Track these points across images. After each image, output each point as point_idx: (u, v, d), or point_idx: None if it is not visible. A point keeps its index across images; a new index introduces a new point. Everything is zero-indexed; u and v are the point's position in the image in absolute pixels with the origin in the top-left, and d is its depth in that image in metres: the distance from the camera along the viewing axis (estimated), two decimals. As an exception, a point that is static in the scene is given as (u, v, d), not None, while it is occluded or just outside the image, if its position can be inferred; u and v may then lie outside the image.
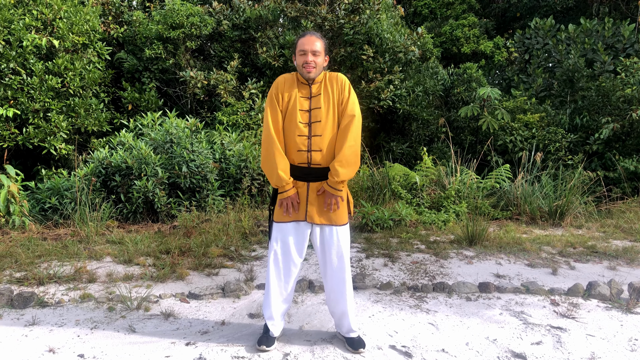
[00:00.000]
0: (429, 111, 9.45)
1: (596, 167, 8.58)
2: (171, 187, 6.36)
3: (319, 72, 3.02)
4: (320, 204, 3.00)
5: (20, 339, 3.16)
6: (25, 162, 7.81)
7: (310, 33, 2.99)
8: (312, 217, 3.01)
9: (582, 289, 4.10)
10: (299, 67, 3.01)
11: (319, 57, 2.97)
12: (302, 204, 3.01)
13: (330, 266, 3.07)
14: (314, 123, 2.96)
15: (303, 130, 2.96)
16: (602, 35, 10.62)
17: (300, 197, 3.01)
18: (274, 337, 3.12)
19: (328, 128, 2.96)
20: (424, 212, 6.58)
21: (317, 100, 2.99)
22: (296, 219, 3.02)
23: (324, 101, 2.99)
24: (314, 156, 2.95)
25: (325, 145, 2.95)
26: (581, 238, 5.88)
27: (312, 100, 3.00)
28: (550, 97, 10.33)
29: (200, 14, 8.92)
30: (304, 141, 2.96)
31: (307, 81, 3.02)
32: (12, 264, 4.48)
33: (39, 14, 7.36)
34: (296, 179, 3.01)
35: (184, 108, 9.23)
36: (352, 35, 8.80)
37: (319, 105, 2.98)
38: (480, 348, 3.17)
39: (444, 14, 13.97)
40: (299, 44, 2.99)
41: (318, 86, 3.03)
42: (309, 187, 3.00)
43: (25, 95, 7.05)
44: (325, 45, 3.03)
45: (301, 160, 2.97)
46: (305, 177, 3.00)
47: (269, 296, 3.10)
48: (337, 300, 3.11)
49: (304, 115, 2.98)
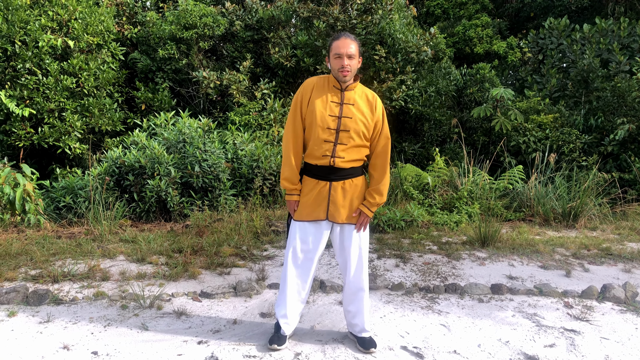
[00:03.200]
0: (442, 111, 9.41)
1: (611, 168, 8.48)
2: (184, 187, 6.40)
3: (354, 75, 2.98)
4: (342, 204, 2.99)
5: (35, 335, 3.20)
6: (41, 161, 7.90)
7: (345, 35, 2.91)
8: (334, 216, 3.00)
9: (596, 291, 4.05)
10: (334, 71, 2.94)
11: (353, 59, 2.91)
12: (323, 203, 2.99)
13: (350, 265, 3.07)
14: (342, 132, 2.91)
15: (330, 137, 2.92)
16: (618, 35, 10.49)
17: (322, 196, 2.99)
18: (286, 335, 3.12)
19: (354, 139, 2.93)
20: (436, 213, 6.55)
21: (348, 109, 2.94)
22: (317, 218, 3.01)
23: (355, 111, 2.94)
24: (337, 162, 2.94)
25: (348, 154, 2.94)
26: (595, 240, 5.81)
27: (343, 108, 2.94)
28: (564, 97, 10.23)
29: (213, 14, 8.97)
30: (330, 147, 2.92)
31: (341, 85, 2.97)
32: (27, 261, 4.54)
33: (54, 14, 7.45)
34: (318, 179, 2.99)
35: (196, 108, 9.28)
36: (364, 36, 8.79)
37: (350, 115, 2.93)
38: (493, 350, 3.14)
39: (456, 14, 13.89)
40: (334, 47, 2.91)
41: (351, 94, 2.98)
42: (331, 186, 2.98)
43: (40, 95, 7.13)
44: (359, 47, 2.97)
45: (324, 163, 2.95)
46: (327, 176, 2.98)
47: (285, 295, 3.09)
48: (354, 298, 3.11)
49: (333, 122, 2.92)
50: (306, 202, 3.02)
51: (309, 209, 3.01)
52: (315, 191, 3.00)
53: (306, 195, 3.02)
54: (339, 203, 2.98)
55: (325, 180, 2.98)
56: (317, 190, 2.99)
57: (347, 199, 3.00)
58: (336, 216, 3.00)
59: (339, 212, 2.99)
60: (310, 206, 3.01)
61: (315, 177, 3.00)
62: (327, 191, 2.98)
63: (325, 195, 2.99)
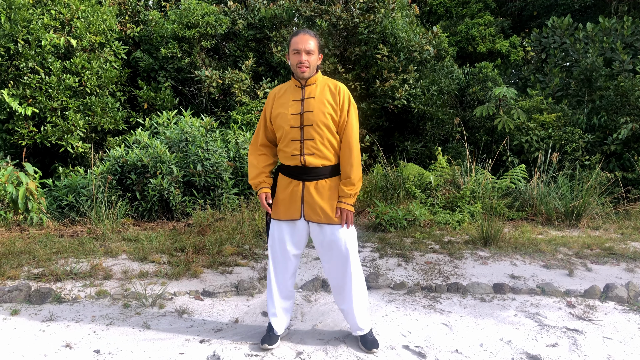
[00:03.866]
0: (444, 110, 9.39)
1: (614, 167, 8.45)
2: (186, 186, 6.41)
3: (313, 71, 2.95)
4: (318, 204, 2.94)
5: (38, 334, 3.21)
6: (43, 160, 7.92)
7: (304, 31, 2.91)
8: (310, 216, 2.97)
9: (599, 291, 4.04)
10: (293, 67, 2.94)
11: (312, 55, 2.90)
12: (297, 203, 2.98)
13: (330, 264, 3.05)
14: (306, 127, 2.90)
15: (296, 134, 2.92)
16: (621, 34, 10.46)
17: (296, 196, 2.97)
18: (278, 335, 3.13)
19: (320, 132, 2.90)
20: (438, 212, 6.54)
21: (309, 103, 2.92)
22: (292, 217, 3.00)
23: (316, 103, 2.92)
24: (308, 159, 2.91)
25: (318, 148, 2.91)
26: (598, 239, 5.80)
27: (304, 103, 2.93)
28: (567, 96, 10.20)
29: (215, 13, 8.97)
30: (297, 145, 2.92)
31: (301, 82, 2.97)
32: (30, 260, 4.55)
33: (57, 13, 7.46)
34: (292, 178, 2.99)
35: (199, 107, 9.29)
36: (366, 35, 8.78)
37: (311, 109, 2.91)
38: (495, 349, 3.14)
39: (459, 12, 13.87)
40: (292, 43, 2.91)
41: (312, 88, 2.96)
42: (304, 186, 2.96)
43: (43, 94, 7.15)
44: (318, 44, 2.95)
45: (295, 163, 2.95)
46: (300, 176, 2.96)
47: (271, 293, 3.11)
48: (341, 298, 3.10)
49: (295, 119, 2.92)
50: (281, 200, 3.02)
51: (283, 207, 3.01)
52: (289, 190, 2.99)
53: (281, 193, 3.03)
54: (315, 203, 2.94)
55: (298, 180, 2.98)
56: (290, 189, 2.99)
57: (323, 199, 2.94)
58: (312, 216, 2.97)
59: (316, 212, 2.95)
60: (285, 205, 3.00)
61: (289, 176, 3.00)
62: (301, 191, 2.97)
63: (299, 195, 2.97)
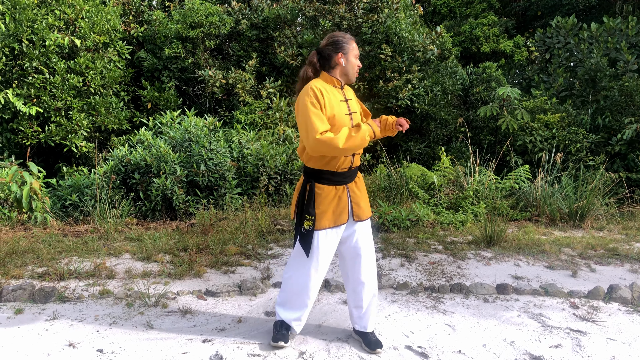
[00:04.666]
0: (448, 111, 9.38)
1: (618, 168, 8.42)
2: (189, 185, 6.42)
3: None
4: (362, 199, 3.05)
5: (41, 333, 3.22)
6: (47, 160, 7.95)
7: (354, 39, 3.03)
8: (359, 215, 3.03)
9: (602, 291, 4.03)
10: (352, 70, 2.94)
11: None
12: (346, 207, 2.98)
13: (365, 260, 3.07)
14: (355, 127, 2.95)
15: None
16: (626, 34, 10.41)
17: (343, 201, 2.97)
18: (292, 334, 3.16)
19: None
20: (441, 212, 6.53)
21: (352, 104, 3.02)
22: (342, 222, 2.97)
23: (356, 105, 3.07)
24: (356, 159, 3.00)
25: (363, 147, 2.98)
26: (602, 240, 5.78)
27: (349, 104, 2.99)
28: (571, 97, 10.16)
29: (219, 13, 8.98)
30: None
31: (339, 84, 2.99)
32: (34, 259, 4.56)
33: (61, 13, 7.49)
34: (337, 184, 2.96)
35: (202, 107, 9.30)
36: (370, 35, 8.77)
37: (354, 110, 3.01)
38: (498, 350, 3.13)
39: (463, 12, 13.84)
40: (354, 48, 2.94)
41: (346, 89, 3.06)
42: (348, 189, 3.01)
43: (47, 94, 7.17)
44: None
45: (346, 165, 2.95)
46: (345, 180, 2.99)
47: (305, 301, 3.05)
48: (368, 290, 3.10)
49: (347, 120, 2.91)
50: (327, 210, 2.93)
51: (332, 216, 2.94)
52: (335, 198, 2.95)
53: (326, 204, 2.93)
54: (360, 200, 3.04)
55: (342, 185, 2.98)
56: (337, 196, 2.95)
57: (362, 193, 3.08)
58: (360, 214, 3.03)
59: (362, 209, 3.04)
60: (333, 213, 2.95)
61: (334, 184, 2.95)
62: (347, 195, 3.00)
63: (346, 199, 2.99)
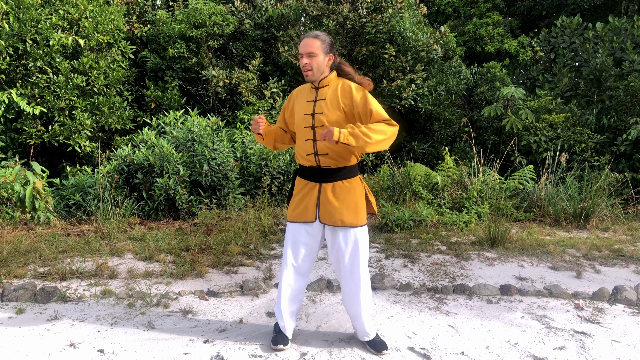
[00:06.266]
0: (452, 110, 9.35)
1: (624, 168, 8.37)
2: (192, 185, 6.41)
3: (319, 73, 2.93)
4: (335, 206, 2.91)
5: (43, 333, 3.21)
6: (51, 159, 7.96)
7: (307, 35, 2.93)
8: (326, 218, 2.96)
9: (607, 293, 4.00)
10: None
11: (315, 57, 2.89)
12: (313, 205, 2.97)
13: (343, 269, 3.02)
14: (317, 127, 2.93)
15: (308, 135, 2.97)
16: (631, 33, 10.35)
17: (312, 197, 2.98)
18: (287, 336, 3.11)
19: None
20: (445, 212, 6.51)
21: (320, 105, 2.94)
22: (306, 219, 2.99)
23: (328, 105, 2.91)
24: (322, 159, 2.93)
25: (331, 149, 2.90)
26: (607, 241, 5.74)
27: (316, 105, 2.96)
28: (576, 97, 10.11)
29: (222, 13, 8.97)
30: (310, 145, 2.96)
31: (314, 84, 2.99)
32: (36, 258, 4.56)
33: (65, 13, 7.50)
34: (308, 179, 3.00)
35: (205, 107, 9.30)
36: (374, 34, 8.75)
37: (321, 110, 2.92)
38: (501, 352, 3.11)
39: (467, 12, 13.80)
40: (299, 48, 2.99)
41: (325, 90, 2.97)
42: (320, 188, 2.97)
43: (51, 94, 7.18)
44: (324, 44, 2.91)
45: (310, 163, 2.98)
46: (316, 177, 2.98)
47: (280, 296, 3.09)
48: (350, 302, 3.07)
49: (307, 120, 2.97)
50: (297, 202, 3.03)
51: (299, 209, 3.01)
52: (304, 191, 3.01)
53: (297, 195, 3.05)
54: (331, 205, 2.93)
55: (314, 182, 2.99)
56: (306, 190, 3.00)
57: (341, 200, 2.93)
58: (328, 218, 2.95)
59: (331, 215, 2.93)
60: (300, 207, 3.00)
61: (305, 178, 3.02)
62: (317, 193, 2.98)
63: (315, 196, 2.98)
